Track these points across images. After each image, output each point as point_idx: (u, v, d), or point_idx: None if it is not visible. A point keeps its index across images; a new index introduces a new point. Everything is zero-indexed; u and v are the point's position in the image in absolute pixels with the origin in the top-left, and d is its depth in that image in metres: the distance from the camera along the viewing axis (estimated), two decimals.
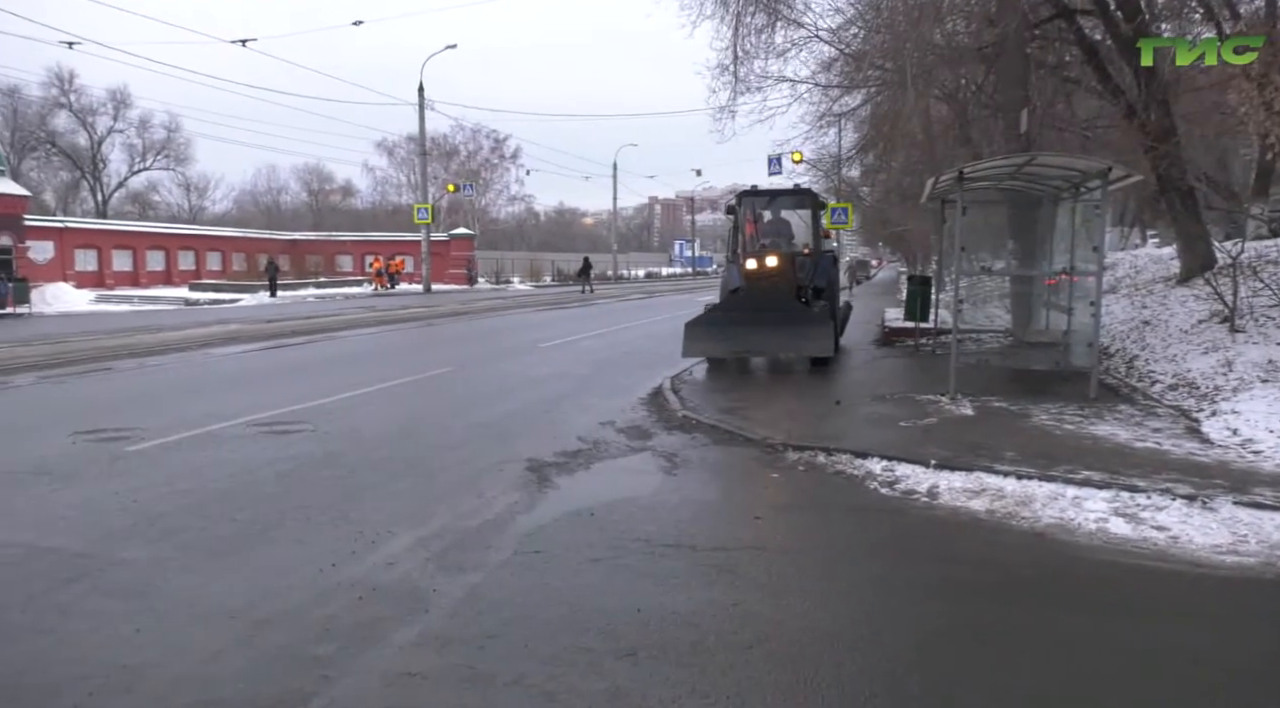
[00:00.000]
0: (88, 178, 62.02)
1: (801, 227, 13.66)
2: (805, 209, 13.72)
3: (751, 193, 13.87)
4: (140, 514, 5.59)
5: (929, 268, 28.79)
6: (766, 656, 3.69)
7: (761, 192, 14.15)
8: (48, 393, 11.16)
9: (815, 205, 13.78)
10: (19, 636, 3.84)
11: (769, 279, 12.06)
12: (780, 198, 13.95)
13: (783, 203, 13.88)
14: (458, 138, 70.18)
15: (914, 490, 6.19)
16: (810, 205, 13.73)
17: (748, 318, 11.17)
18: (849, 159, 29.12)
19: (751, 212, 13.73)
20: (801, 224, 13.69)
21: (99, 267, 43.43)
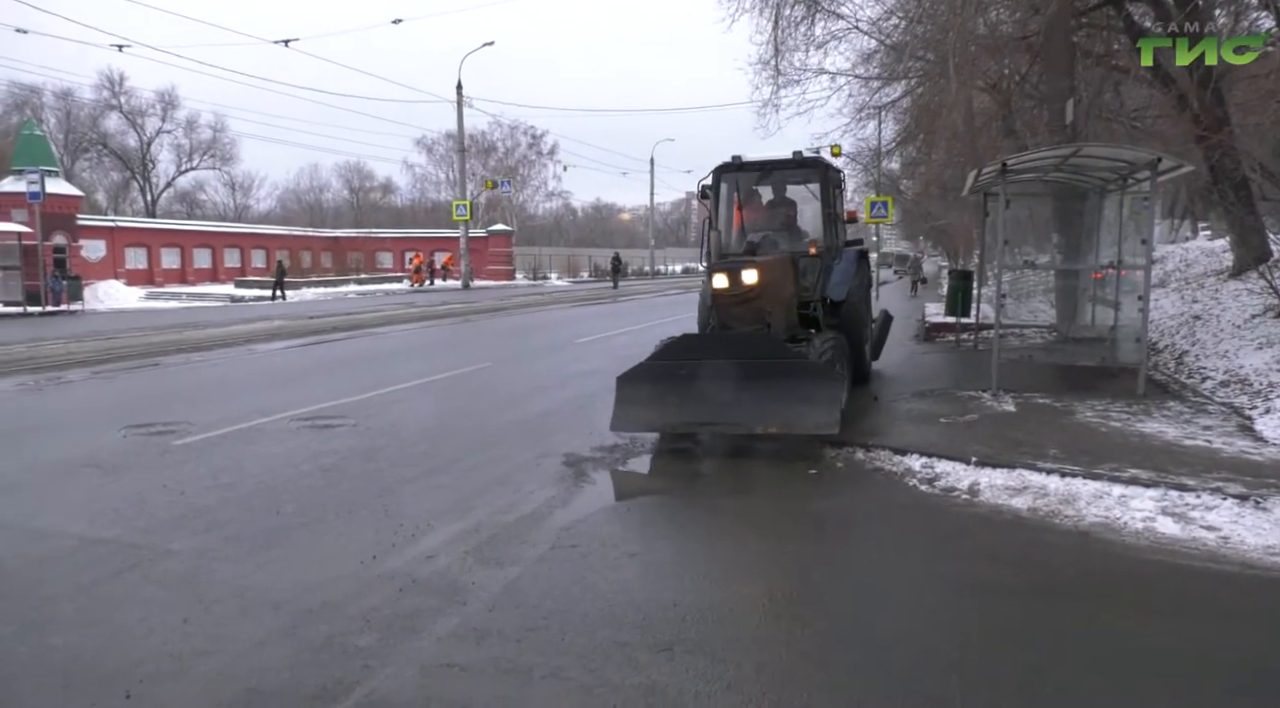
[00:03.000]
0: (137, 178, 63.51)
1: (809, 213, 9.78)
2: (814, 186, 9.68)
3: (734, 167, 9.43)
4: (188, 507, 5.72)
5: (970, 262, 28.36)
6: (801, 652, 3.68)
7: (750, 164, 9.46)
8: (100, 388, 11.46)
9: (828, 181, 9.51)
10: (72, 625, 3.96)
11: (747, 305, 7.83)
12: (776, 172, 9.60)
13: (780, 180, 9.74)
14: (495, 134, 70.59)
15: (954, 488, 6.10)
16: (821, 180, 9.51)
17: (710, 370, 6.95)
18: (889, 152, 28.77)
19: (737, 194, 9.62)
20: (809, 209, 9.83)
21: (148, 265, 44.47)
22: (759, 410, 6.81)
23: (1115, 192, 10.67)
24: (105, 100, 58.80)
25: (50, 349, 15.70)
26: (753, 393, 6.83)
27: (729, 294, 7.79)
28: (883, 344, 11.21)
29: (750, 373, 6.89)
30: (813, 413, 6.71)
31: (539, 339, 17.51)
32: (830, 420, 6.65)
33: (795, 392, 6.80)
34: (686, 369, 7.06)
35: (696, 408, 6.95)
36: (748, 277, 7.67)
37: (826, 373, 7.08)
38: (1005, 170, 9.49)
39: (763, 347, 7.32)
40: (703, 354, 7.25)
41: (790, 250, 9.16)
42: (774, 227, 9.69)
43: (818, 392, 6.81)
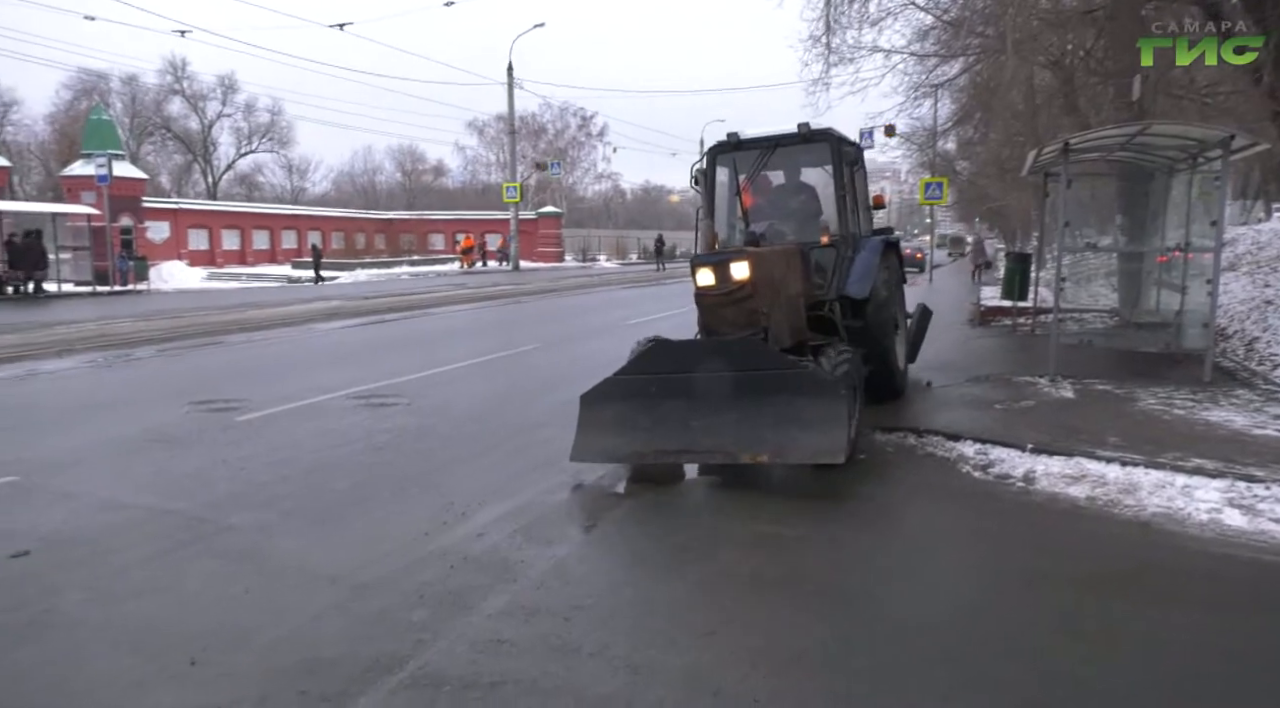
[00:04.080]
0: (199, 161, 65.11)
1: (823, 195, 8.22)
2: (825, 164, 8.03)
3: (730, 146, 7.97)
4: (248, 482, 5.89)
5: (1028, 244, 27.66)
6: (845, 638, 3.65)
7: (749, 142, 7.97)
8: (165, 365, 11.83)
9: (842, 157, 7.83)
10: (141, 592, 4.12)
11: (738, 305, 6.50)
12: (781, 150, 7.94)
13: (788, 160, 8.19)
14: (545, 116, 70.75)
15: (1009, 475, 5.99)
16: (833, 157, 7.81)
17: (686, 386, 5.81)
18: (944, 132, 28.13)
19: (737, 178, 8.03)
20: (823, 191, 8.24)
21: (210, 246, 45.65)
22: (745, 435, 5.56)
23: (1184, 171, 10.30)
24: (168, 85, 60.30)
25: (119, 327, 16.24)
26: (737, 413, 5.62)
27: (716, 293, 6.49)
28: (920, 344, 9.61)
29: (735, 389, 5.67)
30: (812, 438, 5.43)
31: (587, 321, 17.58)
32: (834, 446, 5.38)
33: (790, 411, 5.52)
34: (658, 385, 5.84)
35: (669, 433, 5.71)
36: (737, 271, 6.33)
37: (829, 388, 5.64)
38: (1067, 149, 9.21)
39: (750, 356, 5.87)
40: (677, 366, 5.93)
41: (798, 242, 7.62)
42: (783, 214, 8.21)
43: (818, 411, 5.49)
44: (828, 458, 5.40)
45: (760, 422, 5.57)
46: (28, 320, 17.43)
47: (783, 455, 5.54)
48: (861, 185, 8.62)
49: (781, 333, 6.63)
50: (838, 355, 6.47)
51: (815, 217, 8.14)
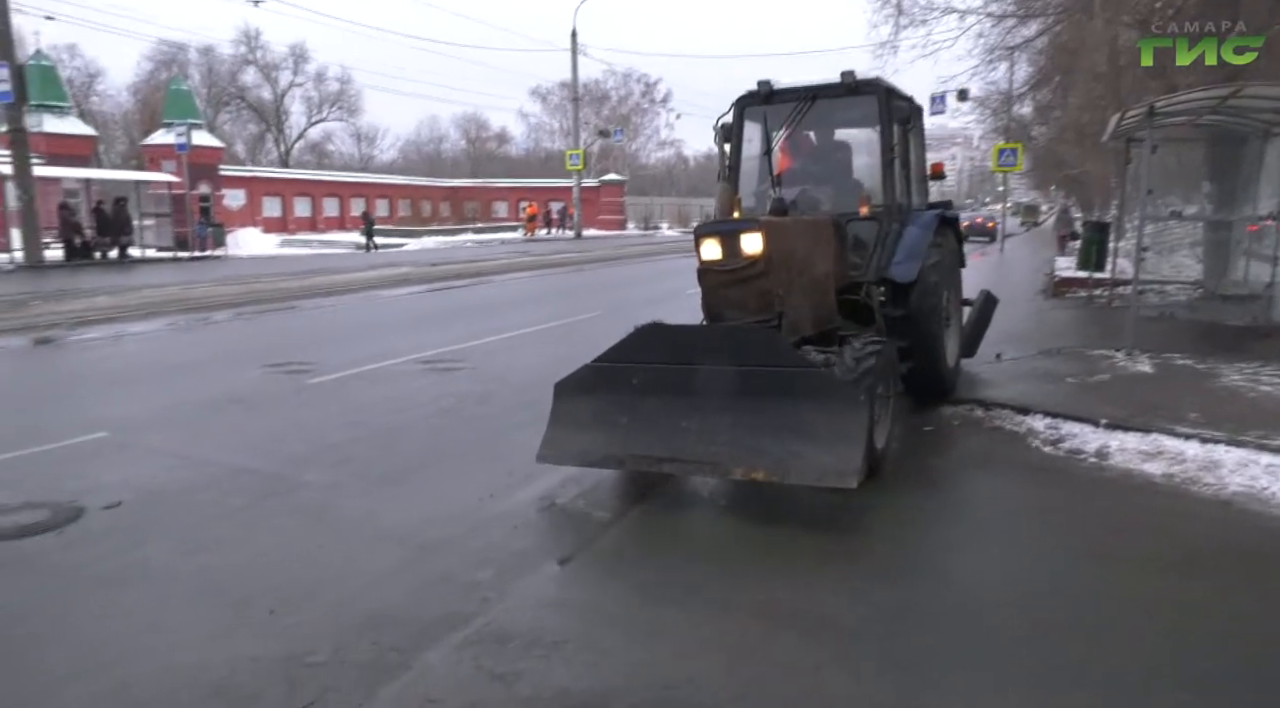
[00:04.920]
0: (272, 130, 66.62)
1: (869, 159, 6.87)
2: (869, 125, 6.74)
3: (761, 97, 6.73)
4: (320, 442, 6.09)
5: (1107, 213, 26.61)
6: (921, 614, 3.62)
7: (782, 93, 6.70)
8: (241, 328, 12.25)
9: (891, 112, 6.56)
10: (222, 545, 4.32)
11: (748, 285, 5.41)
12: (821, 103, 6.62)
13: (826, 114, 6.80)
14: (609, 83, 70.33)
15: (1080, 450, 5.83)
16: (881, 113, 6.51)
17: (675, 381, 4.86)
18: (1020, 96, 27.13)
19: (764, 133, 6.33)
20: (870, 153, 6.87)
21: (282, 213, 46.85)
22: (739, 445, 4.58)
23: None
24: (242, 55, 61.67)
25: (198, 292, 16.84)
26: (732, 418, 4.65)
27: (722, 268, 5.38)
28: (981, 335, 8.20)
29: (731, 387, 4.68)
30: (819, 453, 4.42)
31: (648, 289, 17.58)
32: (845, 466, 4.33)
33: (795, 419, 4.52)
34: (643, 377, 4.89)
35: (652, 435, 4.77)
36: (749, 244, 5.23)
37: (844, 394, 4.64)
38: (1153, 113, 8.81)
39: (753, 348, 4.81)
40: (666, 355, 4.96)
41: (835, 213, 6.41)
42: (820, 179, 6.92)
43: (829, 421, 4.47)
44: (835, 481, 4.33)
45: (760, 429, 4.58)
46: (115, 284, 18.20)
47: (782, 473, 4.46)
48: (917, 149, 7.33)
49: (801, 319, 5.58)
50: (862, 348, 5.34)
51: (856, 183, 6.86)
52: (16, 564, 4.04)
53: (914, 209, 7.01)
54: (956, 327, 7.57)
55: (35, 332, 11.52)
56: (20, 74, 22.13)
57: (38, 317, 12.90)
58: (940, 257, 6.83)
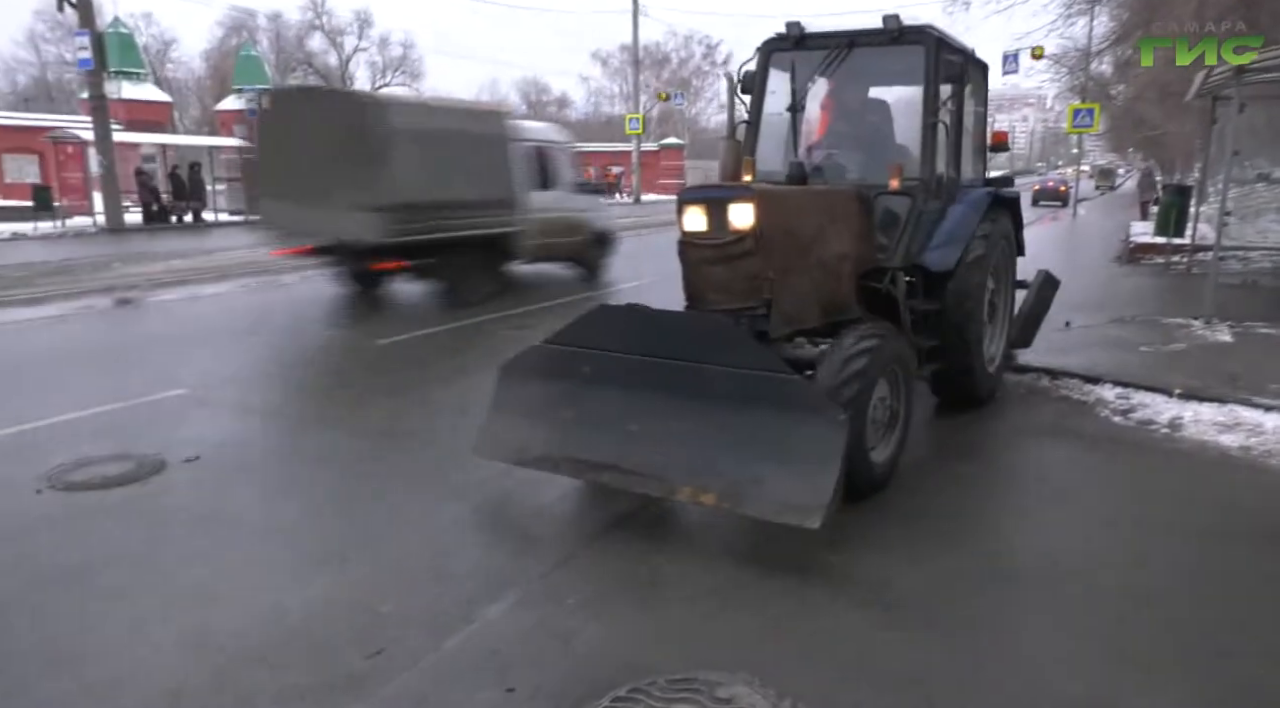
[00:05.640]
0: None
1: (907, 123, 5.82)
2: (915, 81, 5.60)
3: (790, 42, 5.82)
4: (384, 403, 6.25)
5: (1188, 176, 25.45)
6: (978, 581, 3.60)
7: (815, 37, 5.77)
8: (308, 291, 12.53)
9: (940, 67, 5.55)
10: (293, 496, 4.53)
11: (735, 265, 4.55)
12: (858, 53, 5.65)
13: (866, 66, 5.83)
14: (669, 45, 69.47)
15: (1152, 421, 5.67)
16: (928, 67, 5.47)
17: (634, 374, 4.19)
18: (1099, 52, 25.94)
19: (791, 86, 5.67)
20: (909, 116, 5.80)
21: None
22: (692, 458, 3.88)
23: None
24: (309, 21, 62.52)
25: (267, 255, 17.28)
26: (687, 425, 3.95)
27: (707, 242, 4.53)
28: (1040, 320, 7.07)
29: (689, 388, 3.98)
30: (783, 480, 3.66)
31: None
32: (809, 499, 3.57)
33: (758, 434, 3.79)
34: (594, 365, 4.26)
35: (597, 436, 4.15)
36: (738, 216, 4.38)
37: (819, 408, 3.77)
38: (1242, 70, 8.37)
39: (712, 342, 4.03)
40: (620, 342, 4.23)
41: (862, 182, 5.49)
42: (851, 142, 6.02)
43: (798, 441, 3.71)
44: (795, 517, 3.56)
45: (717, 442, 3.86)
46: (190, 247, 18.81)
47: (735, 500, 3.74)
48: (976, 114, 6.33)
49: (800, 308, 4.75)
50: (855, 344, 4.36)
51: (901, 150, 5.77)
52: (106, 513, 4.27)
53: (964, 185, 6.05)
54: (1006, 317, 6.60)
55: (117, 292, 12.00)
56: (100, 42, 22.78)
57: (119, 278, 13.42)
58: (987, 244, 5.82)
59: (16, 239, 20.75)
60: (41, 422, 5.66)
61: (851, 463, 3.91)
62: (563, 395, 4.31)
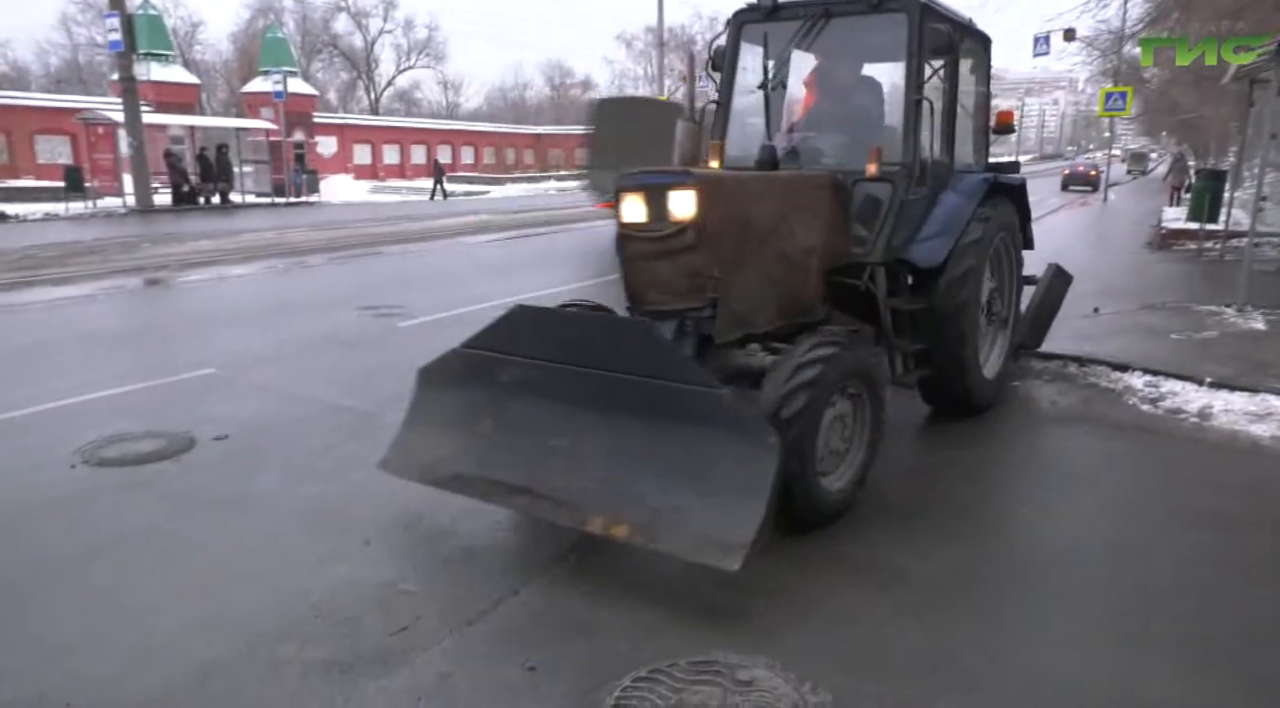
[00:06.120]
0: (363, 77, 67.78)
1: (894, 102, 5.26)
2: (898, 55, 5.06)
3: (759, 12, 5.38)
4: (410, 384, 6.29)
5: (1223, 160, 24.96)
6: (997, 570, 3.59)
7: (788, 6, 5.29)
8: (335, 272, 12.68)
9: (925, 38, 4.94)
10: (321, 477, 4.56)
11: (676, 260, 4.05)
12: (837, 24, 5.16)
13: (846, 38, 5.32)
14: (695, 27, 68.86)
15: (1181, 410, 5.60)
16: (911, 38, 4.94)
17: (554, 384, 3.73)
18: (1133, 34, 25.40)
19: (764, 61, 5.15)
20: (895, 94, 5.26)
21: (372, 160, 47.86)
22: (612, 482, 3.46)
23: None
24: (335, 3, 62.63)
25: (294, 236, 17.45)
26: (609, 443, 3.53)
27: (646, 235, 4.06)
28: (1050, 319, 6.80)
29: (610, 401, 3.54)
30: (703, 512, 3.21)
31: None
32: (733, 536, 3.10)
33: (683, 457, 3.34)
34: (513, 373, 3.81)
35: (513, 453, 3.73)
36: (678, 204, 3.91)
37: (748, 428, 3.26)
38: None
39: (631, 347, 3.57)
40: (541, 347, 3.79)
41: (840, 168, 4.91)
42: (832, 124, 5.48)
43: (724, 467, 3.26)
44: (713, 556, 3.10)
45: (640, 465, 3.42)
46: (218, 229, 19.01)
47: (651, 533, 3.26)
48: (978, 95, 5.85)
49: (751, 310, 4.25)
50: (807, 353, 3.79)
51: (889, 132, 5.16)
52: (138, 488, 4.35)
53: (960, 171, 5.53)
54: (1010, 317, 6.04)
55: (146, 273, 12.18)
56: (129, 23, 22.98)
57: (148, 259, 13.61)
58: (984, 235, 5.25)
59: (49, 219, 21.07)
60: (75, 398, 5.77)
61: (799, 491, 3.58)
62: (481, 406, 3.88)
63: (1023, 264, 6.11)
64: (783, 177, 4.72)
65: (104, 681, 2.77)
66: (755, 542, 3.08)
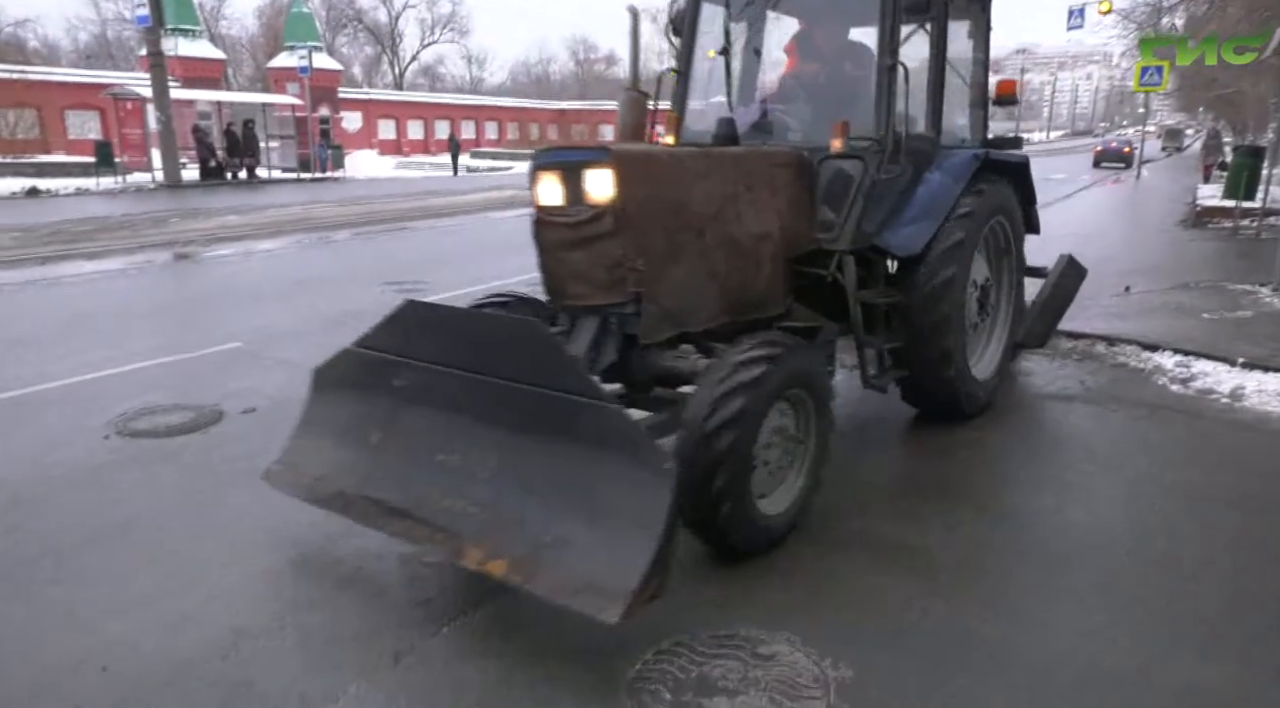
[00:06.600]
0: (387, 52, 67.78)
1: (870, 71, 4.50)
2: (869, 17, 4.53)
3: None
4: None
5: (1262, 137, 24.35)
6: (1045, 555, 3.56)
7: None
8: (360, 247, 12.76)
9: None
10: None
11: (593, 248, 3.57)
12: None
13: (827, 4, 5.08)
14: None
15: (1213, 390, 5.52)
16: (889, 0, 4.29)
17: (450, 392, 3.24)
18: (1171, 7, 24.76)
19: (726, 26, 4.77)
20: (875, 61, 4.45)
21: (396, 135, 47.97)
22: (499, 506, 2.99)
23: None
24: None
25: (320, 211, 17.56)
26: (497, 459, 3.07)
27: (563, 220, 3.59)
28: (1059, 315, 6.33)
29: (497, 415, 3.09)
30: (589, 548, 2.73)
31: None
32: (616, 582, 2.60)
33: (569, 484, 2.88)
34: (406, 377, 3.37)
35: (398, 469, 3.31)
36: (595, 185, 3.46)
37: (640, 451, 2.75)
38: None
39: (517, 350, 3.08)
40: (432, 349, 3.33)
41: (808, 143, 4.41)
42: (813, 95, 4.93)
43: (610, 497, 2.78)
44: (591, 603, 2.59)
45: (530, 485, 2.96)
46: (245, 204, 19.16)
47: (530, 571, 2.75)
48: (975, 59, 5.15)
49: (685, 306, 3.74)
50: (740, 359, 3.25)
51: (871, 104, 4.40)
52: (169, 459, 4.43)
53: (949, 147, 4.88)
54: (1009, 311, 5.47)
55: (175, 247, 12.32)
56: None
57: (177, 234, 13.76)
58: (971, 221, 4.64)
59: (80, 194, 21.34)
60: (107, 371, 5.88)
61: (731, 510, 3.13)
62: (372, 414, 3.45)
63: (1024, 252, 5.48)
64: (732, 153, 4.12)
65: (139, 646, 2.84)
66: (641, 590, 2.54)
